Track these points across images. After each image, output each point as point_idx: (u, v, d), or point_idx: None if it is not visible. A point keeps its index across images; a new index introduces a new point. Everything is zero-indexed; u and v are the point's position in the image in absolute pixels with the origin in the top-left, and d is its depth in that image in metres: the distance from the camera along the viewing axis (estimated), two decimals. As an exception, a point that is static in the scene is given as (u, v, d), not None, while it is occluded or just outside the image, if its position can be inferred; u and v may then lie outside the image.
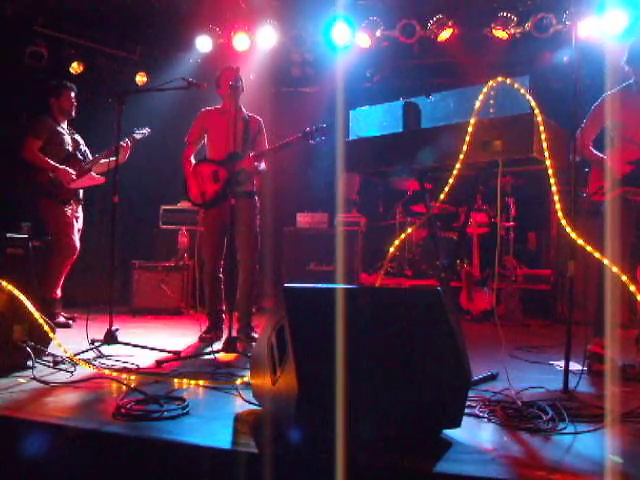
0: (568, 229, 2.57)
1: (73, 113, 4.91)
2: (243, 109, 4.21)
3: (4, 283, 2.87)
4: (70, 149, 4.85)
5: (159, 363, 3.17)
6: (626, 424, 2.16)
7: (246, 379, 2.60)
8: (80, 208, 4.92)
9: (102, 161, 4.78)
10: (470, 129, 2.64)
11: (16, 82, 6.24)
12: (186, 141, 4.29)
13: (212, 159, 4.20)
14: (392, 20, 6.16)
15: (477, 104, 2.65)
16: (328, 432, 1.72)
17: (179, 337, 4.20)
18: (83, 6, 6.05)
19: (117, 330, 3.59)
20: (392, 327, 2.00)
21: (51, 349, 3.05)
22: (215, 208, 4.10)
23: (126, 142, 4.64)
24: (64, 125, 4.89)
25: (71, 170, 4.69)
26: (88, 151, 5.01)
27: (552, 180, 2.59)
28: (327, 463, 1.68)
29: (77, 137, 4.99)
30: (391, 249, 3.07)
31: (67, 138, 4.85)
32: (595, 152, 3.51)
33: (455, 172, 2.67)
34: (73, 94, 4.89)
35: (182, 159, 4.23)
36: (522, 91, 2.58)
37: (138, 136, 4.79)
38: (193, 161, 4.24)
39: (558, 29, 5.82)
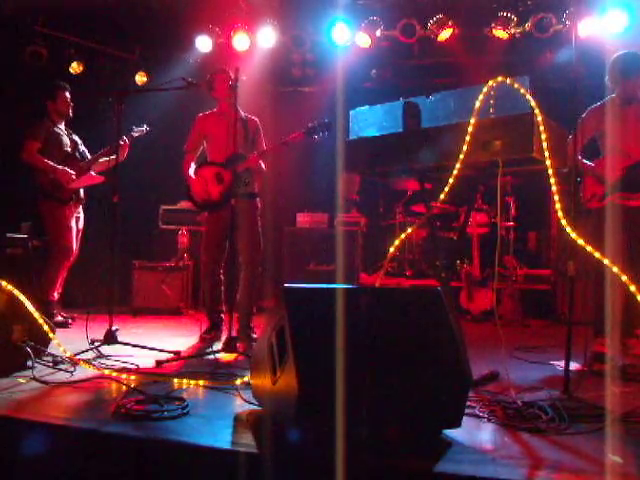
0: (568, 229, 2.57)
1: (70, 113, 4.91)
2: (240, 110, 4.21)
3: (4, 283, 2.87)
4: (69, 150, 4.85)
5: (159, 363, 3.17)
6: (626, 424, 2.16)
7: (246, 379, 2.60)
8: (81, 208, 4.92)
9: (101, 160, 4.78)
10: (470, 129, 2.63)
11: (16, 82, 6.24)
12: (185, 149, 4.26)
13: (214, 161, 4.18)
14: (392, 20, 6.16)
15: (477, 104, 2.65)
16: (328, 432, 1.72)
17: (179, 337, 4.20)
18: (83, 6, 6.04)
19: (117, 330, 3.59)
20: (392, 327, 2.00)
21: (51, 349, 3.05)
22: (220, 210, 4.08)
23: (124, 140, 4.64)
24: (62, 126, 4.89)
25: (70, 170, 4.69)
26: (87, 151, 5.02)
27: (552, 180, 2.60)
28: (327, 463, 1.68)
29: (75, 137, 4.99)
30: (391, 249, 3.07)
31: (65, 139, 4.85)
32: (584, 161, 3.66)
33: (455, 172, 2.67)
34: (68, 94, 4.88)
35: (182, 168, 4.21)
36: (522, 91, 2.58)
37: (136, 134, 4.78)
38: (194, 166, 4.22)
39: (558, 29, 5.82)
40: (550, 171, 2.56)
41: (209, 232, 4.23)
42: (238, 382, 2.63)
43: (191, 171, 4.18)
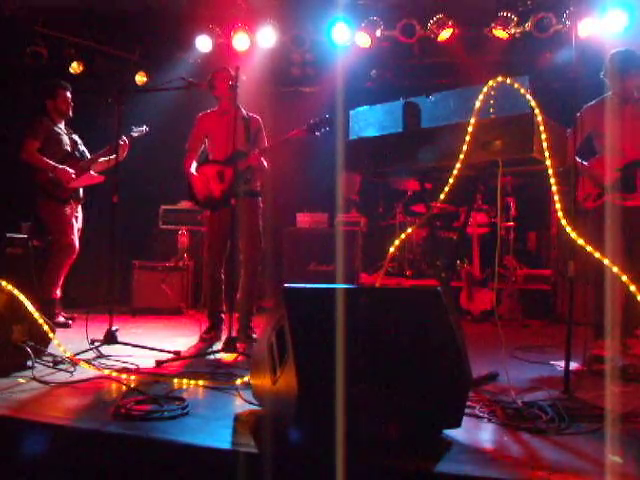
0: (568, 229, 2.57)
1: (70, 113, 4.90)
2: (242, 108, 4.21)
3: (4, 283, 2.87)
4: (68, 149, 4.85)
5: (159, 363, 3.17)
6: (626, 424, 2.16)
7: (246, 379, 2.60)
8: (80, 207, 4.92)
9: (101, 159, 4.78)
10: (470, 129, 2.63)
11: (16, 82, 6.24)
12: (187, 148, 4.25)
13: (216, 159, 4.18)
14: (392, 20, 6.16)
15: (477, 104, 2.65)
16: (328, 432, 1.72)
17: (179, 337, 4.20)
18: (83, 6, 6.04)
19: (117, 330, 3.59)
20: (392, 327, 2.00)
21: (51, 349, 3.05)
22: (222, 210, 4.07)
23: (124, 140, 4.63)
24: (61, 125, 4.90)
25: (70, 170, 4.69)
26: (86, 150, 5.02)
27: (552, 180, 2.60)
28: (327, 463, 1.68)
29: (75, 137, 4.99)
30: (391, 249, 3.06)
31: (65, 138, 4.85)
32: (579, 161, 3.64)
33: (455, 172, 2.67)
34: (68, 93, 4.87)
35: (184, 166, 4.20)
36: (522, 91, 2.58)
37: (135, 134, 4.77)
38: (195, 165, 4.22)
39: (558, 29, 5.82)
40: (550, 171, 2.56)
41: (211, 232, 4.21)
42: (238, 382, 2.63)
43: (192, 169, 4.18)
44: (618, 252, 3.22)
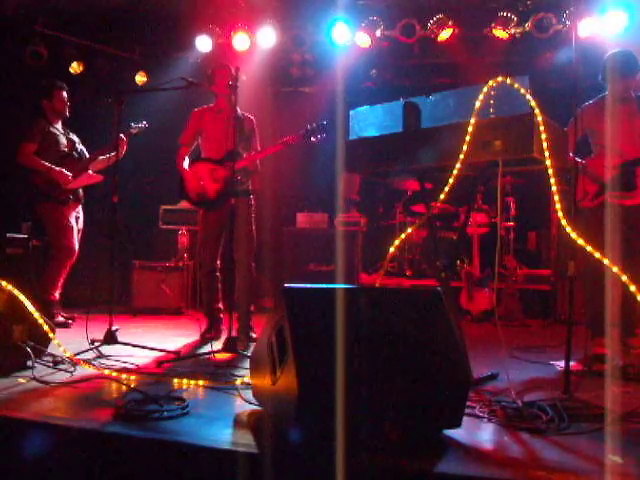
0: (568, 229, 2.57)
1: (67, 113, 4.88)
2: (237, 108, 4.21)
3: (4, 283, 2.87)
4: (66, 150, 4.83)
5: (159, 363, 3.17)
6: (626, 424, 2.16)
7: (246, 379, 2.60)
8: (80, 208, 4.91)
9: (100, 158, 4.77)
10: (470, 129, 2.63)
11: (16, 82, 6.24)
12: (180, 142, 4.26)
13: (209, 157, 4.18)
14: (392, 20, 6.16)
15: (477, 104, 2.65)
16: (328, 432, 1.72)
17: (179, 337, 4.20)
18: (83, 6, 6.04)
19: (117, 330, 3.59)
20: (392, 327, 2.00)
21: (51, 349, 3.05)
22: (216, 210, 4.08)
23: (121, 138, 4.61)
24: (58, 126, 4.87)
25: (67, 171, 4.67)
26: (85, 150, 5.00)
27: (552, 180, 2.60)
28: (327, 463, 1.68)
29: (72, 136, 4.96)
30: (391, 249, 3.06)
31: (62, 138, 4.83)
32: (576, 159, 3.62)
33: (455, 172, 2.67)
34: (64, 93, 4.85)
35: (177, 161, 4.21)
36: (522, 91, 2.58)
37: (134, 131, 4.74)
38: (187, 160, 4.22)
39: (558, 29, 5.82)
40: (550, 171, 2.56)
41: (205, 231, 4.21)
42: (238, 382, 2.64)
43: (185, 164, 4.18)
44: (617, 251, 3.21)
